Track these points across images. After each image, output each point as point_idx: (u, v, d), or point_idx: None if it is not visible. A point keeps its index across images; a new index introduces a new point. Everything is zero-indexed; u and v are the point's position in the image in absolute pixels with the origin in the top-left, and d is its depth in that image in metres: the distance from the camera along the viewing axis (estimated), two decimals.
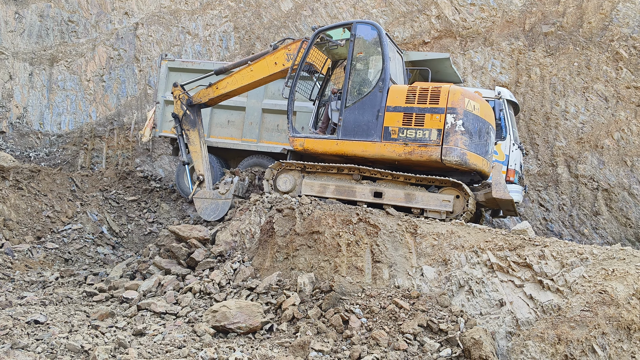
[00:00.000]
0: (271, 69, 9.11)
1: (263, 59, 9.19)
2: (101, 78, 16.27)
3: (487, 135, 8.03)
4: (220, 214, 9.50)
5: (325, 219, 7.12)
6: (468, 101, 7.61)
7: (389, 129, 7.83)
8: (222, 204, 9.56)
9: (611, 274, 5.27)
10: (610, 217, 11.99)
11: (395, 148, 7.75)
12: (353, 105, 8.19)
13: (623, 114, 12.24)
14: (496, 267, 6.04)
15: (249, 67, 9.26)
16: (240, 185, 9.78)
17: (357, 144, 8.06)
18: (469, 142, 7.58)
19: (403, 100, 7.81)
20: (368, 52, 8.32)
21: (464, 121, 7.51)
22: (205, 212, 9.61)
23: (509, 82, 13.24)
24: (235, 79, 9.42)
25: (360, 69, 8.43)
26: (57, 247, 9.61)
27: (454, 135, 7.46)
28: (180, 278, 7.42)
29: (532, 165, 12.79)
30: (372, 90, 8.07)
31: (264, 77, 9.25)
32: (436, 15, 14.00)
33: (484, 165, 8.01)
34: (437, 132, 7.54)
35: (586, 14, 13.00)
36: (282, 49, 9.05)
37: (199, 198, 9.70)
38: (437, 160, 7.51)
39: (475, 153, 7.72)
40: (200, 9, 16.17)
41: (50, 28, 16.80)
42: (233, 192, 9.55)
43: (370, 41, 8.29)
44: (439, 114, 7.55)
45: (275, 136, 11.13)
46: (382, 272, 6.65)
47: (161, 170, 14.96)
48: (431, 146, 7.53)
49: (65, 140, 15.95)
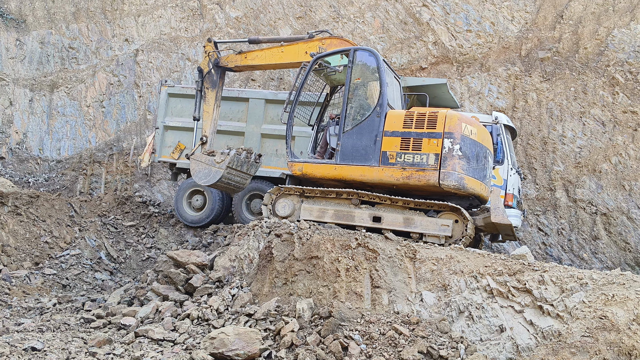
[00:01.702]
0: (301, 57, 9.17)
1: (296, 44, 9.28)
2: (101, 104, 16.38)
3: (485, 159, 8.06)
4: (211, 181, 9.43)
5: (324, 244, 7.10)
6: (465, 126, 7.65)
7: (386, 154, 7.87)
8: (214, 172, 9.47)
9: (611, 299, 5.24)
10: (610, 242, 11.97)
11: (394, 173, 7.78)
12: (351, 130, 8.25)
13: (620, 139, 12.31)
14: (496, 293, 6.01)
15: (280, 48, 9.34)
16: (236, 158, 9.53)
17: (355, 168, 8.09)
18: (467, 167, 7.61)
19: (401, 125, 7.86)
20: (366, 77, 8.39)
21: (461, 146, 7.54)
22: (197, 175, 9.60)
23: (506, 107, 13.34)
24: (265, 54, 9.52)
25: (358, 95, 8.49)
26: (55, 273, 9.55)
27: (452, 160, 7.49)
28: (178, 304, 7.37)
29: (531, 189, 12.81)
30: (370, 115, 8.13)
31: (291, 62, 9.34)
32: (433, 42, 14.17)
33: (482, 189, 8.02)
34: (434, 156, 7.56)
35: (582, 39, 13.17)
36: (317, 40, 9.13)
37: (195, 160, 9.67)
38: (435, 185, 7.53)
39: (473, 177, 7.73)
40: (200, 36, 16.36)
41: (51, 55, 16.96)
42: (227, 164, 9.37)
43: (368, 67, 8.38)
44: (436, 138, 7.59)
45: (274, 161, 11.16)
46: (382, 297, 6.61)
47: (160, 196, 14.96)
48: (429, 171, 7.56)
49: (64, 165, 15.98)
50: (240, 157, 9.57)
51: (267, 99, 11.28)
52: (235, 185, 9.90)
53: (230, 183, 9.73)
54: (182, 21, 16.66)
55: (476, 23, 14.06)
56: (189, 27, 16.57)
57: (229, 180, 9.53)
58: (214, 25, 16.31)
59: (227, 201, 11.71)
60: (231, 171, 9.43)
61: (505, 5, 13.96)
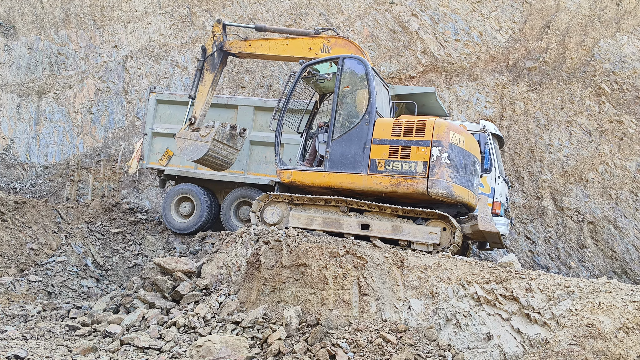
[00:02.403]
0: (304, 52, 9.22)
1: (301, 39, 9.32)
2: (89, 110, 16.28)
3: (473, 167, 8.11)
4: (198, 155, 9.56)
5: (312, 252, 7.09)
6: (453, 134, 7.70)
7: (375, 162, 7.89)
8: (200, 146, 9.59)
9: (598, 307, 5.27)
10: (596, 250, 12.05)
11: (382, 180, 7.79)
12: (340, 138, 8.27)
13: (607, 148, 12.43)
14: (483, 300, 6.02)
15: (284, 40, 9.40)
16: (221, 130, 9.63)
17: (344, 176, 8.10)
18: (455, 175, 7.64)
19: (389, 133, 7.89)
20: (354, 85, 8.42)
21: (449, 154, 7.58)
22: (184, 152, 9.75)
23: (493, 115, 13.43)
24: (269, 45, 9.55)
25: (346, 103, 8.51)
26: (40, 280, 9.44)
27: (440, 168, 7.52)
28: (164, 312, 7.31)
29: (518, 198, 12.89)
30: (359, 123, 8.15)
31: (294, 56, 9.38)
32: (422, 51, 14.26)
33: (470, 197, 8.05)
34: (422, 164, 7.60)
35: (569, 49, 13.30)
36: (322, 38, 9.15)
37: (181, 137, 9.81)
38: (423, 193, 7.55)
39: (461, 185, 7.77)
40: (189, 43, 16.35)
41: (40, 60, 16.86)
42: (213, 136, 9.47)
43: (357, 75, 8.42)
44: (424, 146, 7.63)
45: (262, 168, 11.14)
46: (369, 305, 6.60)
47: (147, 202, 14.87)
48: (417, 178, 7.58)
49: (51, 171, 15.84)
50: (225, 130, 9.64)
51: (256, 106, 11.27)
52: (223, 160, 9.94)
53: (218, 157, 9.79)
54: (171, 28, 16.65)
55: (464, 33, 14.17)
56: (178, 34, 16.56)
57: (216, 154, 9.61)
58: (204, 32, 16.30)
59: (216, 208, 11.66)
60: (217, 144, 9.52)
61: (493, 16, 14.09)
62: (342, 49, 9.03)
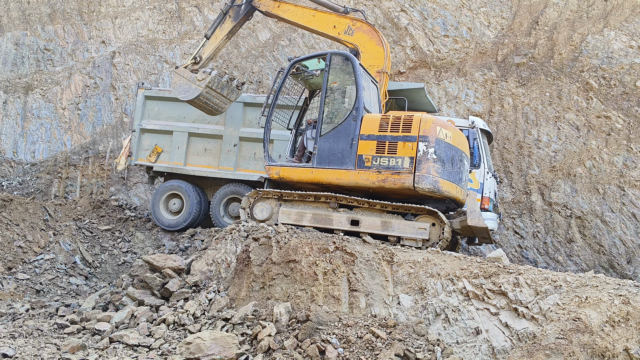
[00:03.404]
0: (327, 29, 9.26)
1: (328, 14, 9.32)
2: (77, 106, 16.16)
3: (461, 163, 8.12)
4: (189, 97, 9.80)
5: (302, 248, 7.09)
6: (440, 129, 7.70)
7: (362, 157, 7.90)
8: (193, 89, 9.81)
9: (585, 302, 5.32)
10: (584, 244, 12.15)
11: (369, 176, 7.80)
12: (328, 134, 8.27)
13: (594, 143, 12.52)
14: (472, 295, 6.05)
15: (312, 11, 9.43)
16: (217, 80, 9.84)
17: (331, 172, 8.11)
18: (442, 170, 7.65)
19: (376, 129, 7.90)
20: (342, 81, 8.42)
21: (436, 149, 7.59)
22: (177, 89, 9.97)
23: (482, 111, 13.49)
24: (297, 11, 9.57)
25: (334, 99, 8.51)
26: (28, 278, 9.37)
27: (426, 163, 7.53)
28: (153, 309, 7.28)
29: (507, 193, 12.96)
30: (347, 119, 8.16)
31: (317, 29, 9.46)
32: (411, 47, 14.27)
33: (458, 192, 8.07)
34: (409, 159, 7.60)
35: (557, 45, 13.38)
36: (349, 19, 9.13)
37: (178, 74, 10.03)
38: (409, 188, 7.56)
39: (449, 180, 7.79)
40: (177, 38, 16.26)
41: (26, 56, 16.70)
42: (207, 83, 9.67)
43: (345, 71, 8.42)
44: (411, 142, 7.63)
45: (252, 164, 11.12)
46: (359, 300, 6.62)
47: (136, 199, 14.80)
48: (404, 174, 7.59)
49: (39, 169, 15.72)
50: (221, 79, 9.87)
51: (245, 102, 11.24)
52: (213, 107, 10.16)
53: (209, 103, 10.02)
54: (159, 23, 16.54)
55: (453, 28, 14.20)
56: (166, 30, 16.46)
57: (207, 100, 9.84)
58: (192, 28, 16.22)
59: (205, 205, 11.63)
60: (210, 91, 9.73)
61: (482, 12, 14.13)
62: (365, 36, 9.01)
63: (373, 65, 9.13)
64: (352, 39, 9.12)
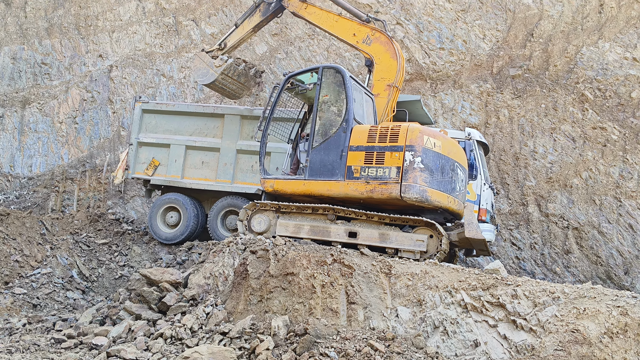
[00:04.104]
0: (347, 36, 9.36)
1: (350, 21, 9.42)
2: (74, 120, 16.18)
3: (453, 172, 8.04)
4: (205, 81, 10.54)
5: (300, 260, 7.08)
6: (427, 138, 7.67)
7: (351, 168, 7.93)
8: (210, 74, 10.45)
9: (583, 313, 5.32)
10: (581, 256, 12.16)
11: (358, 187, 7.82)
12: (319, 146, 8.35)
13: (590, 154, 12.57)
14: (470, 307, 6.05)
15: (336, 17, 9.53)
16: (233, 67, 10.43)
17: (322, 183, 8.16)
18: (430, 179, 7.61)
19: (365, 140, 7.93)
20: (333, 94, 8.50)
21: (422, 158, 7.55)
22: (196, 73, 10.70)
23: (478, 123, 13.55)
24: (321, 15, 9.72)
25: (326, 111, 8.59)
26: (25, 292, 9.33)
27: (413, 172, 7.50)
28: (151, 323, 7.25)
29: (504, 204, 12.98)
30: (337, 131, 8.23)
31: (338, 35, 9.59)
32: (407, 59, 14.36)
33: (451, 202, 8.00)
34: (396, 169, 7.59)
35: (552, 57, 13.47)
36: (369, 28, 9.18)
37: (199, 57, 10.65)
38: (397, 198, 7.54)
39: (439, 190, 7.73)
40: (175, 52, 16.32)
41: (23, 70, 16.73)
42: (222, 70, 10.24)
43: (336, 84, 8.50)
44: (398, 151, 7.63)
45: (249, 177, 11.13)
46: (357, 313, 6.60)
47: (133, 213, 14.78)
48: (391, 184, 7.58)
49: (36, 182, 15.70)
50: (238, 67, 10.46)
51: (242, 115, 11.27)
52: (231, 92, 10.84)
53: (225, 89, 10.70)
54: (157, 37, 16.62)
55: (449, 41, 14.30)
56: (164, 43, 16.53)
57: (223, 86, 10.51)
58: (190, 42, 16.30)
59: (202, 217, 11.62)
60: (226, 77, 10.36)
61: (477, 24, 14.24)
62: (381, 47, 9.06)
63: (385, 78, 9.14)
64: (369, 49, 9.19)
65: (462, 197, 8.46)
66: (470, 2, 14.36)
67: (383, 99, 9.10)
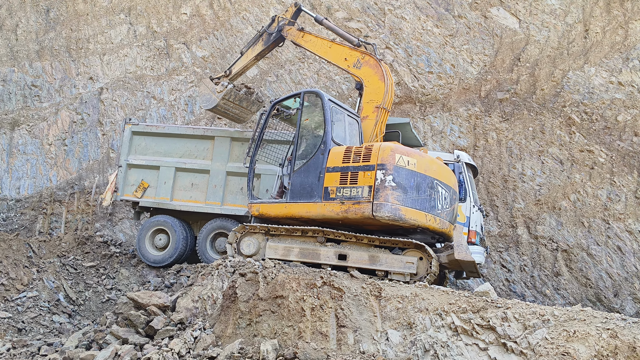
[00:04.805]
0: (339, 61, 9.52)
1: (342, 47, 9.57)
2: (63, 142, 16.12)
3: (432, 190, 7.89)
4: (208, 106, 11.02)
5: (289, 283, 7.04)
6: (400, 157, 7.64)
7: (328, 189, 7.99)
8: (212, 99, 10.89)
9: (573, 336, 5.31)
10: (571, 278, 12.18)
11: (334, 207, 7.85)
12: (300, 169, 8.47)
13: (578, 177, 12.68)
14: (460, 330, 6.02)
15: (329, 43, 9.71)
16: (234, 92, 10.81)
17: (301, 205, 8.23)
18: (404, 197, 7.54)
19: (340, 161, 7.99)
20: (314, 118, 8.65)
21: (394, 176, 7.51)
22: (201, 98, 11.28)
23: (467, 145, 13.65)
24: (316, 42, 9.90)
25: (306, 135, 8.75)
26: (10, 316, 9.18)
27: (384, 191, 7.48)
28: (138, 348, 7.14)
29: (493, 226, 13.02)
30: (316, 153, 8.34)
31: (331, 60, 9.76)
32: (396, 82, 14.49)
33: (431, 220, 7.84)
34: (368, 188, 7.60)
35: (539, 81, 13.66)
36: (359, 52, 9.27)
37: (204, 83, 11.23)
38: (370, 217, 7.51)
39: (414, 208, 7.62)
40: (166, 75, 16.38)
41: (13, 92, 16.70)
42: (223, 95, 10.70)
43: (316, 107, 8.65)
44: (370, 170, 7.65)
45: (239, 199, 11.09)
46: (347, 337, 6.55)
47: (122, 235, 14.66)
48: (363, 203, 7.58)
49: (23, 205, 15.55)
50: (239, 92, 10.83)
51: (232, 137, 11.29)
52: (234, 116, 11.29)
53: (228, 113, 11.10)
54: (148, 60, 16.68)
55: (437, 65, 14.47)
56: (154, 66, 16.59)
57: (225, 110, 10.94)
58: (180, 64, 16.37)
59: (191, 240, 11.54)
60: (227, 102, 10.77)
61: (465, 49, 14.43)
62: (370, 70, 9.16)
63: (374, 100, 9.23)
64: (359, 72, 9.31)
65: (448, 215, 8.32)
66: (458, 27, 14.58)
67: (372, 120, 9.16)
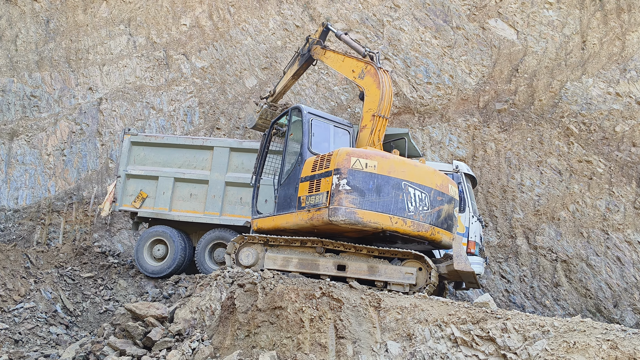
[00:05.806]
0: (348, 73, 9.63)
1: (351, 59, 9.65)
2: (62, 152, 16.11)
3: (398, 191, 7.63)
4: (249, 125, 12.02)
5: (288, 294, 7.00)
6: (356, 160, 7.53)
7: (300, 199, 8.08)
8: (252, 119, 11.85)
9: (573, 347, 5.28)
10: (570, 288, 12.15)
11: (303, 216, 7.91)
12: (284, 182, 8.68)
13: (577, 187, 12.68)
14: (460, 342, 5.98)
15: (342, 57, 9.83)
16: (269, 112, 11.59)
17: (283, 217, 8.36)
18: (360, 200, 7.41)
19: (310, 170, 8.06)
20: (297, 132, 8.80)
21: (349, 180, 7.42)
22: (245, 118, 12.34)
23: (466, 156, 13.66)
24: (333, 57, 10.07)
25: (291, 149, 8.91)
26: (7, 328, 9.12)
27: (338, 195, 7.41)
28: (135, 359, 7.10)
29: (492, 237, 13.00)
30: (294, 166, 8.54)
31: (343, 73, 9.91)
32: (395, 93, 14.53)
33: (398, 223, 7.58)
34: (326, 194, 7.61)
35: (537, 92, 13.69)
36: (363, 63, 9.33)
37: (250, 105, 12.18)
38: (328, 222, 7.45)
39: (374, 211, 7.45)
40: (165, 85, 16.41)
41: (12, 103, 16.72)
42: (260, 115, 11.54)
43: (299, 122, 8.83)
44: (329, 176, 7.67)
45: (238, 209, 11.08)
46: (346, 348, 6.51)
47: (120, 245, 14.61)
48: (322, 209, 7.56)
49: (21, 215, 15.52)
50: (274, 112, 11.58)
51: (231, 147, 11.30)
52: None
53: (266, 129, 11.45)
54: (147, 70, 16.72)
55: (436, 76, 14.52)
56: (154, 77, 16.62)
57: (265, 127, 11.55)
58: (180, 75, 16.41)
59: (190, 250, 11.51)
60: (265, 121, 11.58)
61: (463, 60, 14.48)
62: (371, 79, 9.21)
63: (372, 109, 9.21)
64: (362, 82, 9.37)
65: (428, 217, 7.91)
66: (456, 39, 14.64)
67: (369, 129, 9.15)
